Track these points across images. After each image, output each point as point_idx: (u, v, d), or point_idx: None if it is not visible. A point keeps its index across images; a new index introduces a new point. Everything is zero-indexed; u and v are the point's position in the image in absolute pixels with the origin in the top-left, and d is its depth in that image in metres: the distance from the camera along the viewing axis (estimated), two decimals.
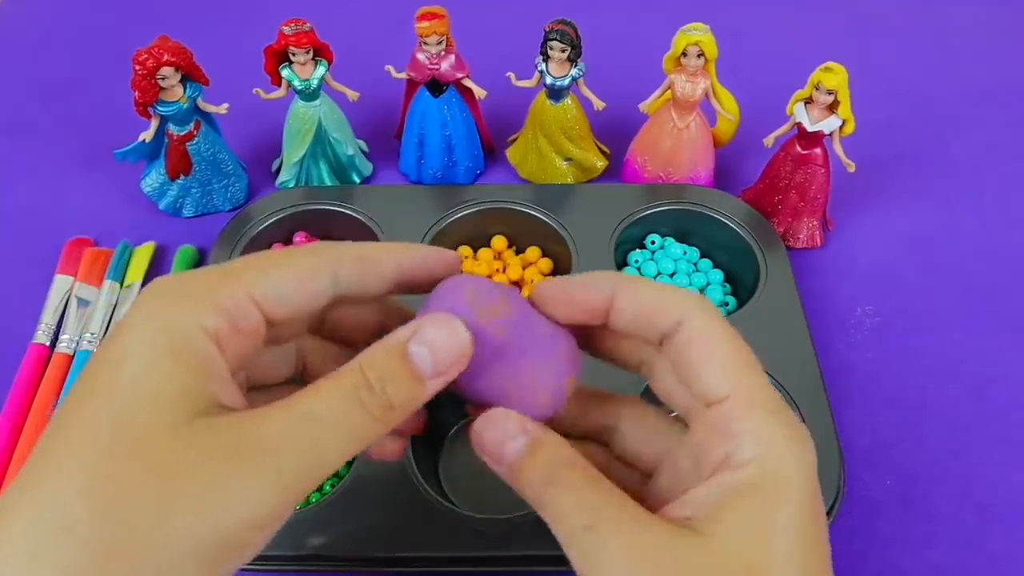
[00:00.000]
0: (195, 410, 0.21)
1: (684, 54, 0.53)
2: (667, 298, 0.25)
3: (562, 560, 0.24)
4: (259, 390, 0.28)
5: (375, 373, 0.23)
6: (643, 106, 0.58)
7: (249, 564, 0.42)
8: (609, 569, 0.22)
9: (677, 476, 0.26)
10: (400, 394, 0.23)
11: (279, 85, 0.56)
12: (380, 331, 0.25)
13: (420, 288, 0.27)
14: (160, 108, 0.53)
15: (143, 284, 0.54)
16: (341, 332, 0.30)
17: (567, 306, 0.26)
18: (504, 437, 0.25)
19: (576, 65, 0.55)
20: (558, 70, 0.55)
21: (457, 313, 0.25)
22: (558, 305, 0.27)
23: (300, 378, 0.29)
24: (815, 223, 0.57)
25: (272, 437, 0.21)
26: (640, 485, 0.28)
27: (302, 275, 0.24)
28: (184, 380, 0.21)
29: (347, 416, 0.22)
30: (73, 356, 0.50)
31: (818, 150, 0.54)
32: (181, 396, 0.21)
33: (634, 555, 0.22)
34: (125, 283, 0.54)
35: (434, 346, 0.24)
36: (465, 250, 0.56)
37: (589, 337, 0.28)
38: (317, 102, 0.57)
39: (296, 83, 0.55)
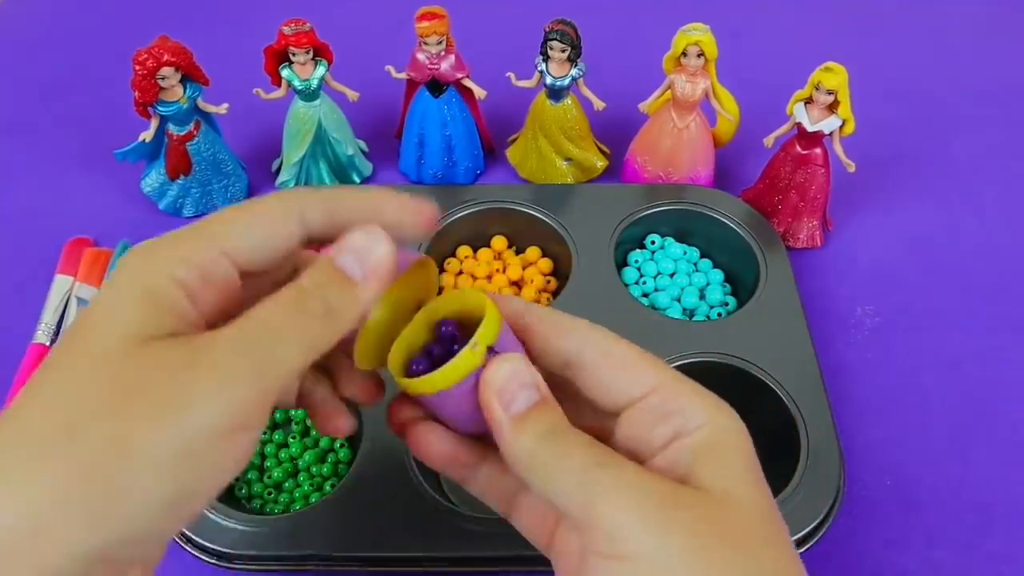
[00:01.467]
0: (152, 336, 0.22)
1: (684, 54, 0.53)
2: (569, 322, 0.28)
3: None
4: None
5: (311, 282, 0.24)
6: (643, 106, 0.58)
7: (249, 564, 0.42)
8: (621, 506, 0.23)
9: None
10: (337, 297, 0.25)
11: (279, 85, 0.56)
12: None
13: (391, 232, 0.27)
14: (160, 108, 0.53)
15: None
16: None
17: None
18: (521, 385, 0.25)
19: (576, 65, 0.55)
20: (558, 70, 0.55)
21: None
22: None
23: None
24: (815, 223, 0.57)
25: (224, 344, 0.22)
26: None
27: (269, 220, 0.25)
28: (143, 314, 0.23)
29: (292, 318, 0.24)
30: None
31: (818, 150, 0.54)
32: (139, 325, 0.22)
33: (644, 496, 0.23)
34: None
35: (356, 249, 0.25)
36: (465, 250, 0.56)
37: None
38: (317, 102, 0.57)
39: (296, 83, 0.55)
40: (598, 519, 0.23)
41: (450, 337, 0.27)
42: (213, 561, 0.41)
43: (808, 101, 0.52)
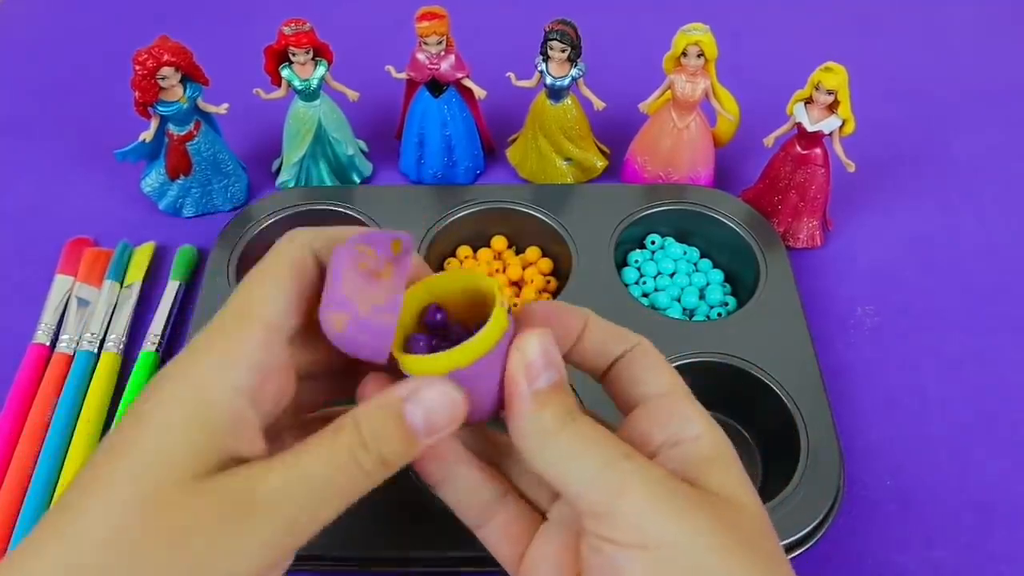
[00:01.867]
0: (206, 469, 0.22)
1: (684, 54, 0.53)
2: (624, 330, 0.29)
3: None
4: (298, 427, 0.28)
5: (370, 431, 0.24)
6: (643, 106, 0.58)
7: None
8: (650, 497, 0.24)
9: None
10: (393, 452, 0.24)
11: (279, 85, 0.56)
12: None
13: None
14: (160, 108, 0.53)
15: (143, 284, 0.54)
16: None
17: (556, 326, 0.28)
18: (550, 362, 0.25)
19: (576, 65, 0.55)
20: (558, 70, 0.55)
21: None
22: (548, 324, 0.27)
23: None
24: (815, 223, 0.57)
25: (271, 496, 0.23)
26: None
27: (289, 270, 0.26)
28: (199, 440, 0.22)
29: (341, 474, 0.24)
30: (73, 356, 0.50)
31: (818, 150, 0.54)
32: (194, 456, 0.22)
33: (671, 491, 0.24)
34: (125, 283, 0.54)
35: (429, 408, 0.24)
36: (465, 250, 0.56)
37: None
38: (317, 102, 0.57)
39: (296, 83, 0.55)
40: (624, 507, 0.23)
41: (440, 325, 0.27)
42: None
43: (808, 101, 0.52)
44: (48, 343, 0.51)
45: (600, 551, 0.24)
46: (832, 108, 0.52)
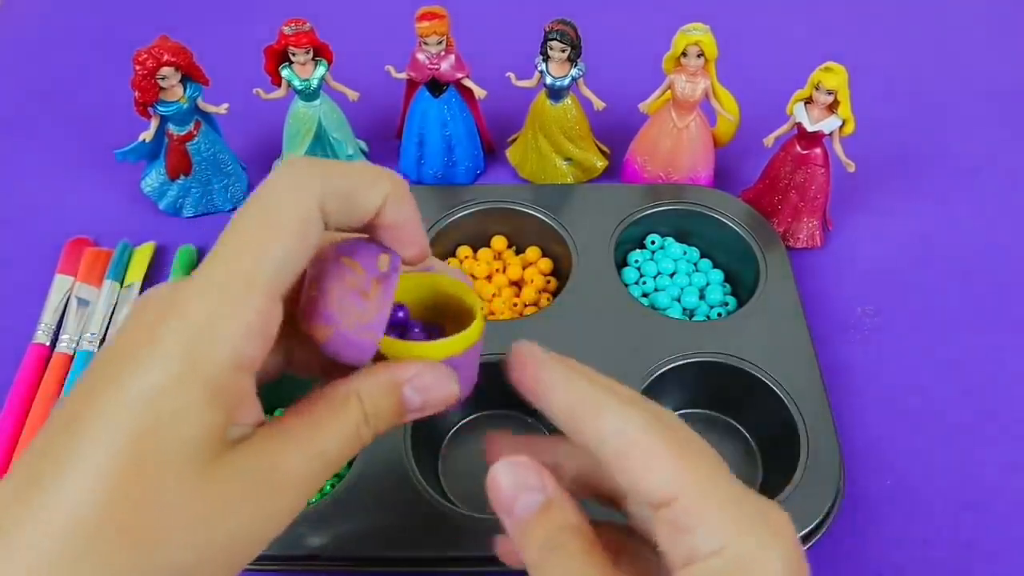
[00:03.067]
0: (220, 448, 0.22)
1: (684, 54, 0.53)
2: (600, 411, 0.25)
3: None
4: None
5: (372, 408, 0.25)
6: (643, 106, 0.58)
7: (249, 564, 0.42)
8: None
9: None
10: (386, 427, 0.26)
11: (279, 85, 0.56)
12: None
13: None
14: (160, 108, 0.53)
15: (143, 284, 0.54)
16: None
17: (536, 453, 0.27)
18: (522, 488, 0.25)
19: (576, 65, 0.55)
20: (558, 70, 0.55)
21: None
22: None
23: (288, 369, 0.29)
24: (815, 223, 0.57)
25: (293, 475, 0.24)
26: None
27: (296, 232, 0.23)
28: (210, 422, 0.22)
29: (348, 447, 0.25)
30: (73, 356, 0.50)
31: (818, 150, 0.54)
32: (207, 439, 0.22)
33: None
34: (125, 283, 0.54)
35: (428, 394, 0.26)
36: (465, 250, 0.56)
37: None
38: (317, 102, 0.57)
39: (296, 83, 0.55)
40: None
41: (401, 323, 0.28)
42: None
43: (808, 101, 0.52)
44: (48, 343, 0.51)
45: None
46: (832, 108, 0.52)
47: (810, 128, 0.52)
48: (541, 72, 0.55)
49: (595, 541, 0.24)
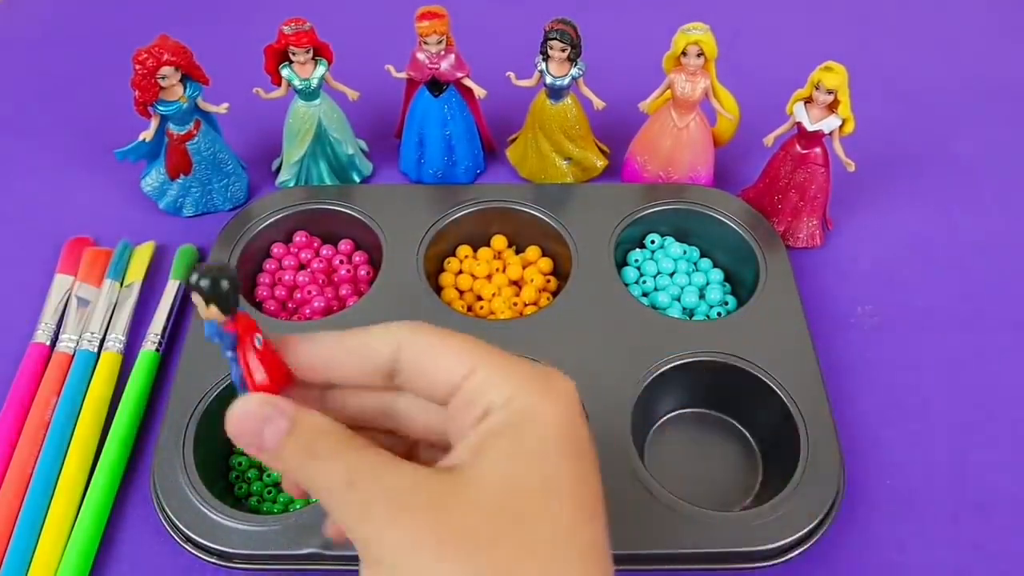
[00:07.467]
0: None
1: (684, 53, 0.53)
2: (375, 342, 0.27)
3: None
4: None
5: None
6: (643, 106, 0.58)
7: (249, 564, 0.42)
8: (376, 519, 0.23)
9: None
10: None
11: (279, 85, 0.56)
12: None
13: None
14: (160, 107, 0.53)
15: (143, 283, 0.54)
16: None
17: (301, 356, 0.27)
18: (262, 423, 0.25)
19: (576, 65, 0.55)
20: (558, 70, 0.55)
21: None
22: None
23: None
24: (815, 223, 0.57)
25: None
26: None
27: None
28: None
29: None
30: (73, 355, 0.50)
31: (818, 150, 0.54)
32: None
33: (396, 500, 0.23)
34: (125, 282, 0.54)
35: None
36: (465, 250, 0.56)
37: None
38: (317, 101, 0.57)
39: (296, 82, 0.55)
40: (366, 537, 0.23)
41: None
42: (213, 560, 0.41)
43: (808, 101, 0.52)
44: (48, 342, 0.51)
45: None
46: (832, 108, 0.52)
47: (810, 128, 0.52)
48: (541, 72, 0.55)
49: (346, 429, 0.25)
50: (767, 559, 0.41)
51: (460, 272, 0.55)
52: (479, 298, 0.54)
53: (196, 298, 0.24)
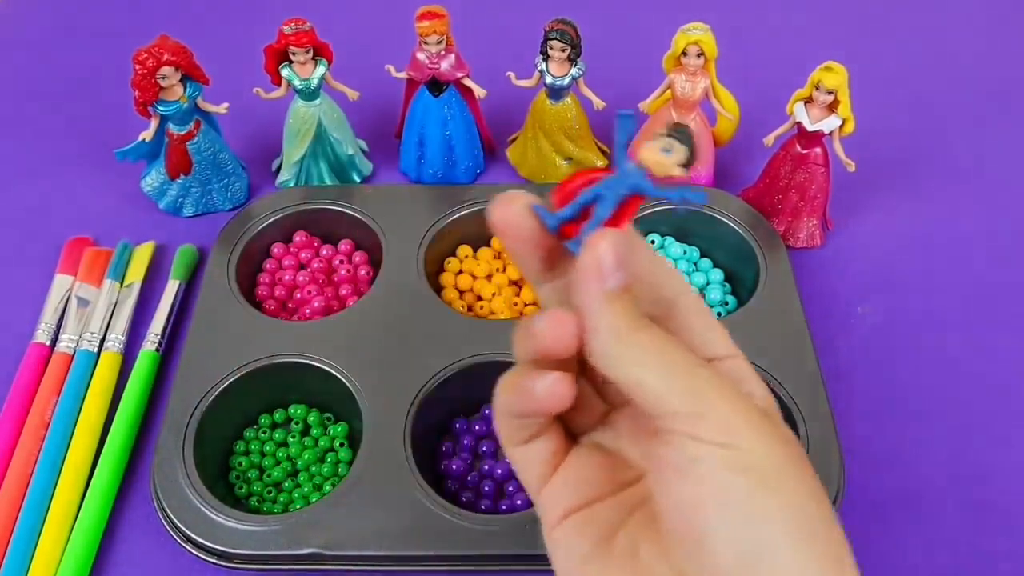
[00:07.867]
0: None
1: (684, 53, 0.53)
2: (677, 275, 0.29)
3: None
4: None
5: None
6: (643, 105, 0.58)
7: (249, 564, 0.42)
8: (732, 403, 0.24)
9: None
10: None
11: (279, 85, 0.56)
12: None
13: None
14: (160, 107, 0.53)
15: (143, 283, 0.54)
16: None
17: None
18: (622, 265, 0.25)
19: (576, 65, 0.55)
20: (558, 70, 0.55)
21: None
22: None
23: None
24: (815, 223, 0.57)
25: None
26: None
27: None
28: None
29: None
30: (73, 355, 0.50)
31: (818, 149, 0.54)
32: None
33: (747, 404, 0.24)
34: (125, 282, 0.54)
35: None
36: (465, 250, 0.56)
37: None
38: (317, 101, 0.57)
39: (296, 82, 0.55)
40: (711, 411, 0.24)
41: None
42: (213, 560, 0.41)
43: (808, 100, 0.52)
44: (48, 342, 0.51)
45: (682, 447, 0.24)
46: (832, 107, 0.52)
47: (810, 127, 0.52)
48: (541, 72, 0.55)
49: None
50: None
51: (460, 272, 0.55)
52: (479, 298, 0.54)
53: (668, 142, 0.25)
